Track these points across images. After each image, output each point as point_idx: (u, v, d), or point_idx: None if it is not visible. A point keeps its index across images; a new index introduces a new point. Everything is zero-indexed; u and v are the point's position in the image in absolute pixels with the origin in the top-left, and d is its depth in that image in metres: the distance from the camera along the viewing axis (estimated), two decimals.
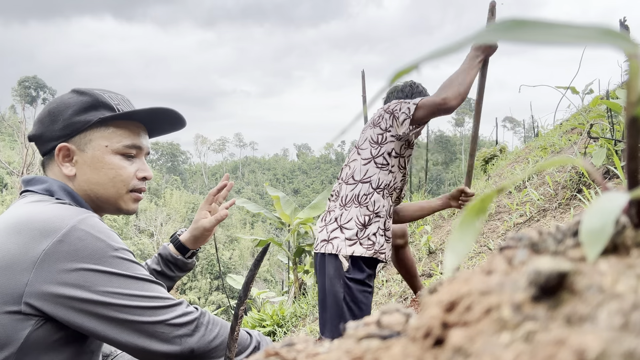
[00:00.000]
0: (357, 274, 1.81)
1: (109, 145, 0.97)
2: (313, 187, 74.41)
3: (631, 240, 0.24)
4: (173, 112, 1.05)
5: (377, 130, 1.92)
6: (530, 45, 0.20)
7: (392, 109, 1.88)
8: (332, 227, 1.89)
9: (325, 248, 1.86)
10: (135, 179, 1.01)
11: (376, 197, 1.87)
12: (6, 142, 34.90)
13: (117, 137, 0.97)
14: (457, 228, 0.26)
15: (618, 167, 2.31)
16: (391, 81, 0.22)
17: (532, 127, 8.43)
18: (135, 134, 1.01)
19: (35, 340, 0.79)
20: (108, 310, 0.80)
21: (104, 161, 0.96)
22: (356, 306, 1.78)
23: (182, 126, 1.11)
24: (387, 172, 1.89)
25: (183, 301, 0.88)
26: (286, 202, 6.57)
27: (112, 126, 0.97)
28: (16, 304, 0.78)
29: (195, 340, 0.85)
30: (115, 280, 0.81)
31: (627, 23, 2.60)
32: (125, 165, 0.99)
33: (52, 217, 0.82)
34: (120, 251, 0.84)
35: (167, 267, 1.19)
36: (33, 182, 0.94)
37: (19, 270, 0.78)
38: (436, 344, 0.22)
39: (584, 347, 0.17)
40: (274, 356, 0.30)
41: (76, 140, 0.96)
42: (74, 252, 0.79)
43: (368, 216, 1.85)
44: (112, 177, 0.97)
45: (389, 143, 1.89)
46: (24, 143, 11.88)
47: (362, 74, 5.44)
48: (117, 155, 0.98)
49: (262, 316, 4.35)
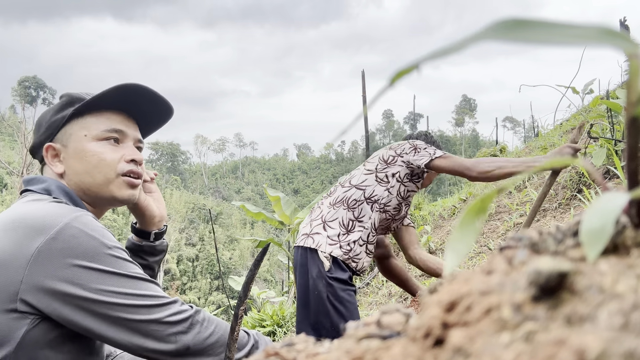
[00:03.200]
0: (339, 274, 1.82)
1: (87, 134, 0.96)
2: (313, 187, 74.43)
3: (631, 240, 0.24)
4: (144, 88, 1.00)
5: (391, 152, 1.96)
6: (530, 45, 0.20)
7: (417, 145, 1.92)
8: (316, 223, 1.91)
9: (305, 242, 1.88)
10: (122, 162, 0.99)
11: (365, 207, 1.88)
12: (6, 142, 34.93)
13: (95, 124, 0.97)
14: (457, 228, 0.26)
15: (618, 167, 2.31)
16: (392, 81, 0.22)
17: (532, 127, 8.43)
18: (115, 121, 0.99)
19: (32, 338, 0.79)
20: (101, 308, 0.80)
21: (85, 149, 0.96)
22: (341, 305, 1.79)
23: (168, 109, 1.08)
24: (384, 189, 1.90)
25: (177, 299, 0.88)
26: (286, 202, 6.57)
27: (88, 115, 0.97)
28: (12, 301, 0.78)
29: (190, 337, 0.85)
30: (109, 278, 0.81)
31: (627, 23, 2.60)
32: (107, 149, 0.97)
33: (46, 215, 0.82)
34: (113, 249, 0.84)
35: (137, 256, 1.16)
36: (33, 182, 0.95)
37: (14, 267, 0.78)
38: (436, 344, 0.22)
39: (584, 347, 0.17)
40: (273, 356, 0.30)
41: (59, 138, 0.97)
42: (68, 249, 0.79)
43: (352, 222, 1.87)
44: (95, 163, 0.96)
45: (397, 166, 1.92)
46: (23, 143, 11.88)
47: (362, 74, 5.44)
48: (99, 141, 0.97)
49: (262, 316, 4.35)
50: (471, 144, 76.04)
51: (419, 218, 5.07)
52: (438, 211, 5.16)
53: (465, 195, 5.02)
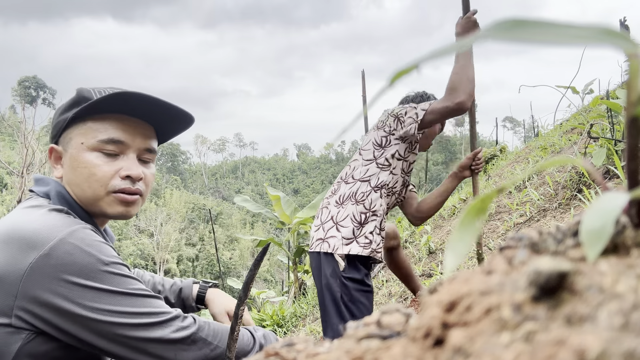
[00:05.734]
0: (354, 274, 1.80)
1: (84, 142, 0.88)
2: (313, 187, 74.39)
3: (631, 240, 0.24)
4: (146, 96, 0.90)
5: (381, 133, 1.92)
6: (530, 45, 0.20)
7: (397, 113, 1.89)
8: (328, 226, 1.87)
9: (321, 247, 1.85)
10: (116, 179, 0.90)
11: (374, 196, 1.86)
12: (6, 142, 34.88)
13: (93, 133, 0.89)
14: (457, 228, 0.26)
15: (618, 167, 2.31)
16: (391, 81, 0.22)
17: (532, 127, 8.43)
18: (117, 129, 0.90)
19: (28, 352, 0.77)
20: (98, 325, 0.78)
21: (79, 160, 0.88)
22: (354, 306, 1.77)
23: (187, 117, 0.99)
24: (387, 173, 1.88)
25: (179, 314, 0.85)
26: (286, 202, 6.57)
27: (90, 121, 0.89)
28: (6, 316, 0.76)
29: (191, 355, 0.83)
30: (105, 296, 0.78)
31: (627, 23, 2.60)
32: (100, 163, 0.88)
33: (40, 229, 0.78)
34: (111, 265, 0.80)
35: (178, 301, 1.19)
36: (38, 183, 0.92)
37: (8, 282, 0.76)
38: (436, 344, 0.22)
39: (584, 347, 0.17)
40: (274, 356, 0.30)
41: (61, 141, 0.92)
42: (62, 266, 0.76)
43: (365, 214, 1.85)
44: (86, 177, 0.88)
45: (393, 146, 1.89)
46: (23, 143, 11.86)
47: (362, 74, 5.44)
48: (94, 152, 0.89)
49: (262, 316, 4.35)
50: None
51: None
52: (438, 211, 5.15)
53: (465, 195, 5.02)
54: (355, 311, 1.77)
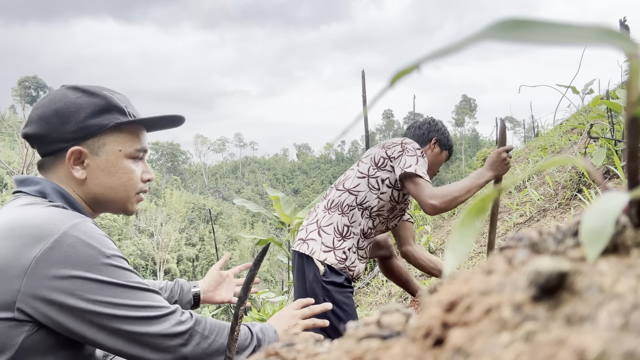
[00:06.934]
0: (335, 277, 1.81)
1: (122, 150, 0.97)
2: (313, 187, 74.42)
3: (631, 240, 0.24)
4: (179, 117, 1.07)
5: (382, 153, 1.89)
6: (530, 45, 0.20)
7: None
8: (311, 228, 1.90)
9: (300, 247, 1.88)
10: (140, 182, 1.02)
11: (356, 213, 1.86)
12: (6, 142, 34.90)
13: (129, 142, 0.98)
14: (457, 228, 0.26)
15: (618, 167, 2.31)
16: (392, 81, 0.22)
17: (532, 127, 8.42)
18: (142, 138, 1.02)
19: (30, 345, 0.79)
20: (99, 319, 0.79)
21: (118, 165, 0.97)
22: (339, 308, 1.79)
23: (180, 124, 1.12)
24: (375, 197, 1.86)
25: (177, 309, 0.87)
26: (286, 202, 6.56)
27: (125, 131, 0.98)
28: (9, 310, 0.77)
29: (189, 349, 0.85)
30: (107, 288, 0.80)
31: (627, 23, 2.60)
32: (135, 168, 1.00)
33: (43, 222, 0.80)
34: (112, 258, 0.82)
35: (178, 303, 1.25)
36: (26, 182, 0.92)
37: (11, 276, 0.77)
38: (436, 344, 0.22)
39: (584, 347, 0.17)
40: (274, 356, 0.30)
41: (89, 144, 0.94)
42: (65, 258, 0.78)
43: (348, 227, 1.85)
44: (125, 182, 0.98)
45: (386, 171, 1.86)
46: (24, 143, 11.87)
47: (362, 74, 5.44)
48: (129, 159, 0.99)
49: (262, 316, 4.35)
50: (471, 144, 76.02)
51: (419, 218, 5.07)
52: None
53: None
54: (340, 313, 1.79)
